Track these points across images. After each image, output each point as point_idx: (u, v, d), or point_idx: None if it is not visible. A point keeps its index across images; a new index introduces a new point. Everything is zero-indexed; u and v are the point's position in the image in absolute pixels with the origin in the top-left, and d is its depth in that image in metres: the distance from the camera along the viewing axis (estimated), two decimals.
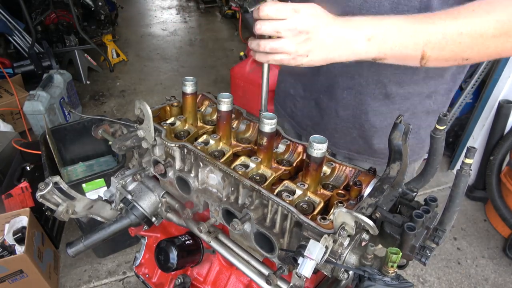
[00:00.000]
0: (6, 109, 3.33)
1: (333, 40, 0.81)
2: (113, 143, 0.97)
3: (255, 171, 0.88)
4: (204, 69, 5.05)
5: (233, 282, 1.05)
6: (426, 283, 2.48)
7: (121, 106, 4.22)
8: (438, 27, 0.80)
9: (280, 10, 0.78)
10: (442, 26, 0.80)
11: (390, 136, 0.79)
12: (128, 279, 2.43)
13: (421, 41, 0.81)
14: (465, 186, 0.69)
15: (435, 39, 0.81)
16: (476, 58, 0.86)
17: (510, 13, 0.79)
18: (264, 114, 0.85)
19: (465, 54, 0.84)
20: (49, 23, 4.51)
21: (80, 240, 0.96)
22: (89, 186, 2.10)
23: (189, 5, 7.46)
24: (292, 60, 0.83)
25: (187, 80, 0.98)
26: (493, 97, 2.87)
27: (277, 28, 0.79)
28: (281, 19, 0.79)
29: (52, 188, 0.90)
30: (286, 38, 0.80)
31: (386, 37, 0.81)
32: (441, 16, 0.81)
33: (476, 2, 0.82)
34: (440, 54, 0.83)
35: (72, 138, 2.59)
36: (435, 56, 0.84)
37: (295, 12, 0.79)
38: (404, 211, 0.76)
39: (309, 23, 0.79)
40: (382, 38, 0.81)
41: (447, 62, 0.88)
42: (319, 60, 0.84)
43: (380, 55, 0.83)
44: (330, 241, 0.68)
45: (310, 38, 0.80)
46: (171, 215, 1.05)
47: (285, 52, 0.82)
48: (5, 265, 1.94)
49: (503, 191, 2.76)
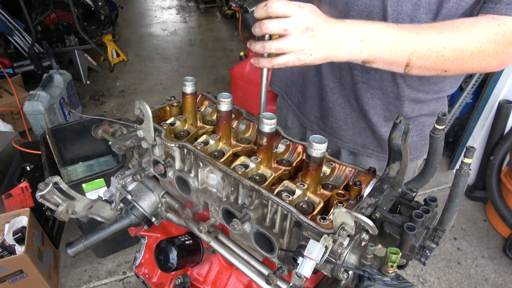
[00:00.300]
0: (6, 109, 3.33)
1: (332, 39, 0.83)
2: (113, 143, 0.97)
3: (255, 171, 0.88)
4: (204, 69, 5.05)
5: (233, 282, 1.05)
6: (426, 283, 2.48)
7: (121, 106, 4.22)
8: (425, 38, 0.86)
9: (288, 6, 0.79)
10: (428, 38, 0.86)
11: (390, 136, 0.79)
12: (128, 279, 2.43)
13: (409, 49, 0.86)
14: (465, 185, 0.69)
15: (420, 49, 0.86)
16: (454, 71, 0.93)
17: (489, 35, 0.86)
18: (263, 114, 0.86)
19: (445, 66, 0.90)
20: (49, 23, 4.51)
21: (80, 240, 0.96)
22: (89, 186, 2.10)
23: (189, 5, 7.46)
24: (296, 60, 0.84)
25: (187, 80, 0.98)
26: (493, 97, 2.87)
27: (285, 26, 0.80)
28: (288, 16, 0.80)
29: (52, 188, 0.90)
30: (293, 35, 0.81)
31: (377, 41, 0.85)
32: (428, 29, 0.87)
33: (460, 20, 0.89)
34: (423, 63, 0.89)
35: (72, 138, 2.59)
36: (419, 65, 0.89)
37: (300, 8, 0.80)
38: (404, 211, 0.76)
39: (313, 19, 0.81)
40: (373, 42, 0.85)
41: (428, 72, 0.93)
42: (320, 59, 0.85)
43: (370, 57, 0.87)
44: (329, 241, 0.68)
45: (314, 35, 0.81)
46: (171, 215, 1.05)
47: (291, 52, 0.83)
48: (5, 265, 1.94)
49: (503, 191, 2.76)
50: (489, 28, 0.87)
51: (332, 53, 0.85)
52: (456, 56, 0.88)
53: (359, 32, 0.84)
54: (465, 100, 3.20)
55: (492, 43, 0.87)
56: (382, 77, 1.09)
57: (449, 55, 0.87)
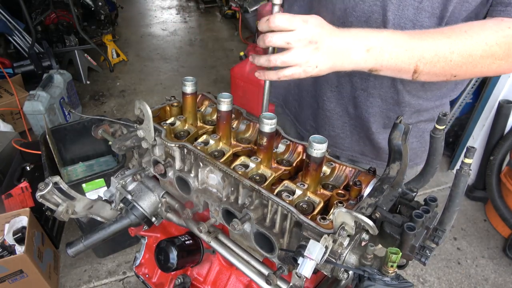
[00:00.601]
0: (6, 109, 3.33)
1: (337, 49, 0.83)
2: (113, 143, 0.97)
3: (255, 171, 0.88)
4: (204, 69, 5.05)
5: (233, 282, 1.05)
6: (426, 283, 2.48)
7: (121, 106, 4.22)
8: (432, 44, 0.85)
9: (290, 20, 0.80)
10: (435, 43, 0.85)
11: (390, 136, 0.79)
12: (128, 279, 2.43)
13: (415, 56, 0.85)
14: (465, 186, 0.69)
15: (428, 55, 0.85)
16: (464, 75, 0.92)
17: (498, 38, 0.85)
18: (264, 114, 0.86)
19: (454, 71, 0.89)
20: (49, 23, 4.51)
21: (80, 240, 0.96)
22: (89, 186, 2.10)
23: (189, 5, 7.46)
24: (302, 72, 0.84)
25: (187, 80, 0.98)
26: (493, 97, 2.87)
27: (288, 39, 0.81)
28: (291, 30, 0.80)
29: (52, 188, 0.90)
30: (296, 49, 0.81)
31: (383, 49, 0.84)
32: (435, 34, 0.86)
33: (468, 23, 0.87)
34: (431, 69, 0.87)
35: (72, 138, 2.59)
36: (427, 71, 0.88)
37: (304, 22, 0.80)
38: (404, 211, 0.76)
39: (316, 32, 0.81)
40: (379, 51, 0.84)
41: (437, 77, 0.91)
42: (326, 70, 0.85)
43: (376, 66, 0.86)
44: (330, 241, 0.68)
45: (318, 47, 0.82)
46: (171, 215, 1.05)
47: (296, 64, 0.83)
48: (5, 265, 1.94)
49: (503, 191, 2.76)
50: (498, 31, 0.86)
51: (338, 64, 0.85)
52: (465, 61, 0.86)
53: (364, 41, 0.84)
54: (465, 100, 3.20)
55: (501, 46, 0.86)
56: (382, 83, 1.08)
57: (457, 60, 0.86)
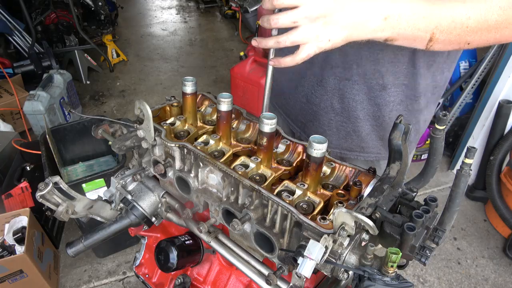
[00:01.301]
0: (6, 109, 3.33)
1: (352, 20, 0.81)
2: (113, 143, 0.97)
3: (255, 171, 0.88)
4: (204, 69, 5.05)
5: (233, 282, 1.05)
6: (426, 283, 2.48)
7: (121, 106, 4.22)
8: (449, 10, 0.82)
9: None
10: (452, 9, 0.82)
11: (390, 136, 0.79)
12: (128, 279, 2.43)
13: (433, 23, 0.83)
14: (465, 186, 0.69)
15: (445, 22, 0.83)
16: (478, 43, 0.89)
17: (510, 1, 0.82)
18: (264, 114, 0.85)
19: (470, 37, 0.86)
20: (49, 23, 4.51)
21: (80, 240, 0.96)
22: (89, 186, 2.10)
23: (189, 5, 7.46)
24: (317, 48, 0.82)
25: (187, 80, 0.98)
26: (493, 97, 2.87)
27: (293, 18, 0.78)
28: (295, 7, 0.78)
29: (52, 188, 0.90)
30: (304, 26, 0.79)
31: (400, 17, 0.81)
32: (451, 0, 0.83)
33: None
34: (447, 37, 0.85)
35: (72, 138, 2.59)
36: (443, 39, 0.85)
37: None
38: (404, 211, 0.76)
39: (323, 6, 0.78)
40: (397, 18, 0.81)
41: (451, 45, 0.89)
42: (340, 42, 0.83)
43: (393, 35, 0.84)
44: (330, 241, 0.68)
45: (327, 21, 0.79)
46: (171, 215, 1.05)
47: (307, 42, 0.81)
48: (5, 265, 1.94)
49: (503, 191, 2.76)
50: None
51: (353, 34, 0.82)
52: (480, 26, 0.84)
53: (382, 9, 0.81)
54: (465, 100, 3.20)
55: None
56: (365, 71, 1.07)
57: (473, 25, 0.84)
